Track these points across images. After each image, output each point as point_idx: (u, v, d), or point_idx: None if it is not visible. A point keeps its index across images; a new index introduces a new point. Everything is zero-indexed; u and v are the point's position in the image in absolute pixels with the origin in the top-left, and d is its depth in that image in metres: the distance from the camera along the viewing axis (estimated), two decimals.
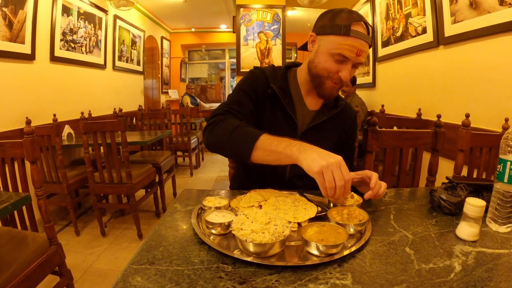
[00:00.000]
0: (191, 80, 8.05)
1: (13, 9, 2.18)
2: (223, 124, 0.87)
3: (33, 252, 1.18)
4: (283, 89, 0.99)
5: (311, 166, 0.68)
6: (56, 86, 2.74)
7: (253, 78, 1.01)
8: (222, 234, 0.65)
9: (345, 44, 0.85)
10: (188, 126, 3.98)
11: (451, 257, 0.56)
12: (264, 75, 1.01)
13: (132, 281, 0.49)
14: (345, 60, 0.88)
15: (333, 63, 0.89)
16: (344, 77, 0.90)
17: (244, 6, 3.83)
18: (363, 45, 0.86)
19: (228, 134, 0.84)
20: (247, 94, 0.98)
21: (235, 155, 0.91)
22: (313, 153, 0.70)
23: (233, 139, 0.83)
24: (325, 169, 0.66)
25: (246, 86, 1.00)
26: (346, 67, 0.89)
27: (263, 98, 0.99)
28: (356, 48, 0.85)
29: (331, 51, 0.87)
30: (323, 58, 0.91)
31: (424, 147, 1.29)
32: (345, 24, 0.85)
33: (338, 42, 0.86)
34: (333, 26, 0.87)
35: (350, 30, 0.84)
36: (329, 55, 0.89)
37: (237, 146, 0.82)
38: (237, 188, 1.11)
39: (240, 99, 0.97)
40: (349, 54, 0.86)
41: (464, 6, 1.79)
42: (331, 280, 0.50)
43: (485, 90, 1.71)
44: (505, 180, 0.67)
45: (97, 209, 2.27)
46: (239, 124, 0.85)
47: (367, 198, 0.77)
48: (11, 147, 1.28)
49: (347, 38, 0.85)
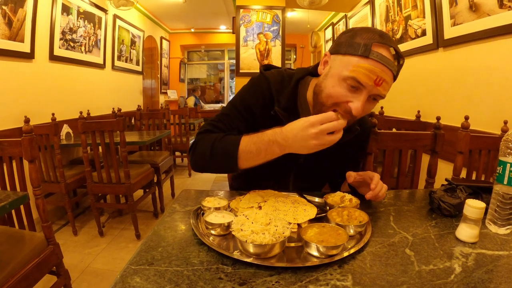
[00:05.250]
0: (190, 81, 8.05)
1: (12, 7, 2.17)
2: (203, 141, 0.82)
3: (31, 251, 1.17)
4: (289, 110, 0.85)
5: (305, 153, 0.69)
6: (55, 85, 2.73)
7: (254, 92, 0.88)
8: (222, 235, 0.65)
9: (361, 67, 0.68)
10: (187, 126, 3.97)
11: (451, 258, 0.56)
12: (269, 90, 0.87)
13: (131, 282, 0.49)
14: (360, 88, 0.70)
15: (343, 90, 0.72)
16: (355, 109, 0.71)
17: (244, 7, 3.83)
18: (385, 72, 0.69)
19: (209, 151, 0.79)
20: (240, 112, 0.88)
21: (223, 170, 0.83)
22: (294, 143, 0.68)
23: (214, 155, 0.79)
24: (318, 146, 0.66)
25: (241, 102, 0.89)
26: (359, 97, 0.71)
27: (264, 117, 0.86)
28: (375, 74, 0.68)
29: (344, 73, 0.70)
30: (331, 82, 0.73)
31: (423, 149, 1.30)
32: (365, 42, 0.69)
33: (353, 63, 0.69)
34: (350, 44, 0.71)
35: (371, 50, 0.68)
36: (340, 79, 0.72)
37: (221, 161, 0.78)
38: (238, 188, 1.09)
39: (231, 116, 0.88)
40: (365, 80, 0.69)
41: (464, 8, 1.79)
42: (331, 281, 0.50)
43: (484, 92, 1.72)
44: (504, 182, 0.67)
45: (95, 209, 2.26)
46: (217, 137, 0.80)
47: (368, 199, 0.77)
48: (9, 146, 1.27)
49: (365, 60, 0.68)
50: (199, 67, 8.34)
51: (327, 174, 1.03)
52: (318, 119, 0.65)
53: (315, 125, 0.65)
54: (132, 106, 4.30)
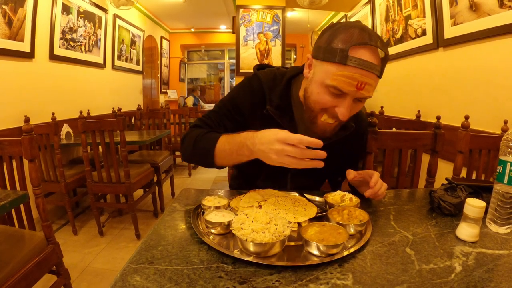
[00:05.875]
0: (190, 81, 8.05)
1: (12, 6, 2.17)
2: (189, 135, 0.87)
3: (31, 251, 1.17)
4: (282, 109, 0.86)
5: (269, 163, 0.66)
6: (55, 84, 2.73)
7: (244, 91, 0.89)
8: (222, 234, 0.65)
9: (340, 75, 0.67)
10: (187, 126, 3.97)
11: (452, 257, 0.56)
12: (261, 89, 0.88)
13: (131, 281, 0.49)
14: (343, 94, 0.71)
15: (327, 96, 0.72)
16: (341, 115, 0.72)
17: (244, 7, 3.83)
18: (366, 76, 0.67)
19: (192, 146, 0.84)
20: (228, 110, 0.90)
21: (204, 165, 0.86)
22: (259, 151, 0.66)
23: (196, 150, 0.83)
24: (278, 162, 0.64)
25: (231, 101, 0.90)
26: (343, 103, 0.71)
27: (254, 116, 0.87)
28: (356, 80, 0.67)
29: (326, 82, 0.70)
30: (316, 89, 0.74)
31: (423, 148, 1.29)
32: (341, 48, 0.67)
33: (332, 72, 0.68)
34: (328, 50, 0.69)
35: (348, 57, 0.66)
36: (322, 86, 0.72)
37: (201, 156, 0.82)
38: (237, 188, 1.10)
39: (220, 114, 0.90)
40: (346, 88, 0.68)
41: (464, 8, 1.79)
42: (331, 280, 0.50)
43: (484, 92, 1.72)
44: (505, 181, 0.67)
45: (95, 209, 2.26)
46: (200, 133, 0.84)
47: (367, 197, 0.77)
48: (10, 145, 1.27)
49: (344, 67, 0.67)
50: (199, 66, 8.33)
51: (325, 173, 1.03)
52: (285, 138, 0.62)
53: (280, 142, 0.62)
54: (132, 105, 4.29)
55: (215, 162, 0.80)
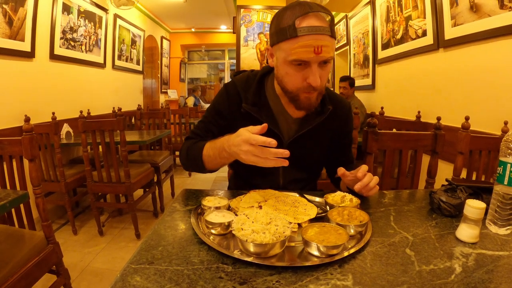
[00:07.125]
0: (191, 81, 8.05)
1: (13, 6, 2.17)
2: (183, 147, 0.98)
3: (30, 250, 1.17)
4: (259, 104, 0.91)
5: (242, 161, 0.70)
6: (56, 84, 2.73)
7: (221, 96, 0.96)
8: (222, 234, 0.65)
9: (297, 47, 0.73)
10: (187, 126, 3.97)
11: (452, 258, 0.56)
12: (236, 92, 0.94)
13: (131, 281, 0.49)
14: (306, 63, 0.76)
15: (295, 72, 0.78)
16: (314, 82, 0.76)
17: (244, 7, 3.84)
18: (319, 39, 0.73)
19: (185, 155, 0.95)
20: (213, 117, 0.98)
21: (199, 171, 0.94)
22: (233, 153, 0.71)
23: (190, 159, 0.93)
24: (247, 161, 0.68)
25: (213, 108, 0.99)
26: (311, 71, 0.76)
27: (235, 117, 0.94)
28: (311, 46, 0.72)
29: (287, 59, 0.76)
30: (283, 70, 0.80)
31: (423, 149, 1.29)
32: (289, 24, 0.74)
33: (289, 47, 0.75)
34: (279, 32, 0.77)
35: (296, 29, 0.72)
36: (287, 65, 0.78)
37: (194, 163, 0.91)
38: (234, 189, 1.10)
39: (205, 122, 1.00)
40: (306, 56, 0.74)
41: (465, 9, 1.79)
42: (332, 281, 0.50)
43: (484, 93, 1.72)
44: (505, 182, 0.67)
45: (95, 208, 2.26)
46: (191, 143, 0.94)
47: (357, 191, 0.76)
48: (10, 145, 1.27)
49: (297, 39, 0.73)
50: (200, 66, 8.34)
51: (316, 163, 1.04)
52: (248, 138, 0.67)
53: (245, 142, 0.67)
54: (132, 105, 4.30)
55: (205, 167, 0.88)
